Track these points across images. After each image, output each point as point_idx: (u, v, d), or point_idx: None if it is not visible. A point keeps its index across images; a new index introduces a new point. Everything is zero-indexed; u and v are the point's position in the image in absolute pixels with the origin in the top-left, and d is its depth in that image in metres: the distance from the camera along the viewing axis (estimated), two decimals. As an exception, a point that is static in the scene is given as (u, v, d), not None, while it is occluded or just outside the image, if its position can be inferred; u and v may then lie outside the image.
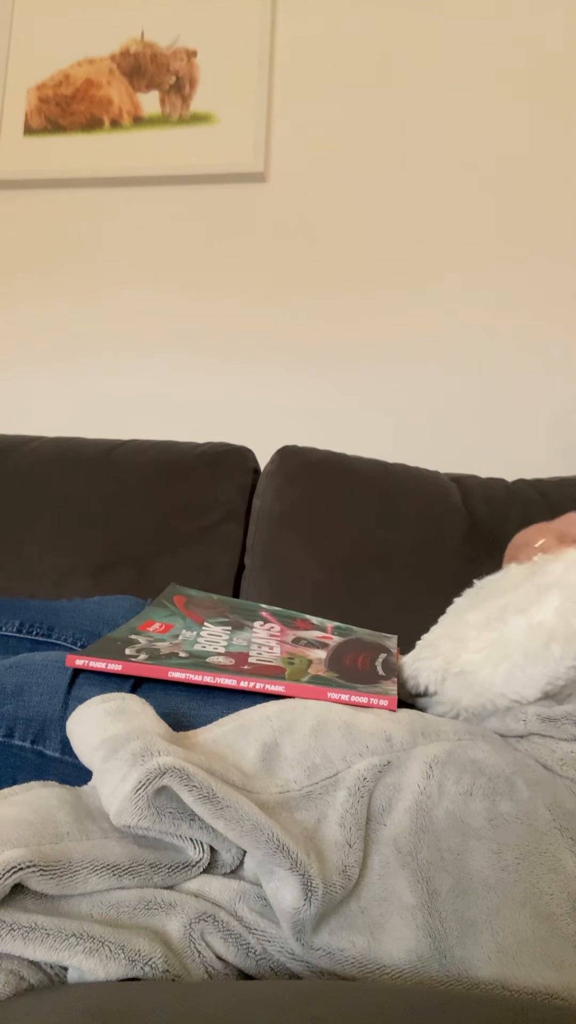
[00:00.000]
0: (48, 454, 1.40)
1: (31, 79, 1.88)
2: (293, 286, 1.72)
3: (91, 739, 0.52)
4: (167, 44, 1.82)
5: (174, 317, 1.76)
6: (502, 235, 1.66)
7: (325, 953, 0.47)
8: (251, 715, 0.59)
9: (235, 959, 0.47)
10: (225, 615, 0.83)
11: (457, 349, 1.64)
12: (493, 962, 0.47)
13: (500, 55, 1.70)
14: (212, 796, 0.47)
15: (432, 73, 1.72)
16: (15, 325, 1.83)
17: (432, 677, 0.65)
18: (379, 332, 1.68)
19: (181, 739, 0.56)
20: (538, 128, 1.67)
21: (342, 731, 0.57)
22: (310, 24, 1.78)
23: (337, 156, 1.74)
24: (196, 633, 0.75)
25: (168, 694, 0.63)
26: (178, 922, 0.47)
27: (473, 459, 1.55)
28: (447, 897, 0.48)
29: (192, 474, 1.34)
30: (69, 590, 1.24)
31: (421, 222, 1.69)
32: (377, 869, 0.49)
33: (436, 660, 0.66)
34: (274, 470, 1.34)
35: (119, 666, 0.63)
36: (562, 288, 1.62)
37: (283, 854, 0.46)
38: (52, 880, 0.44)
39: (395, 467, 1.34)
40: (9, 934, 0.42)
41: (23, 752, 0.61)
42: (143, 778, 0.47)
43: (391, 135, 1.72)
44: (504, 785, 0.54)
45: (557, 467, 1.49)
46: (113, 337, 1.78)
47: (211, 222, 1.78)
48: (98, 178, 1.81)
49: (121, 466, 1.36)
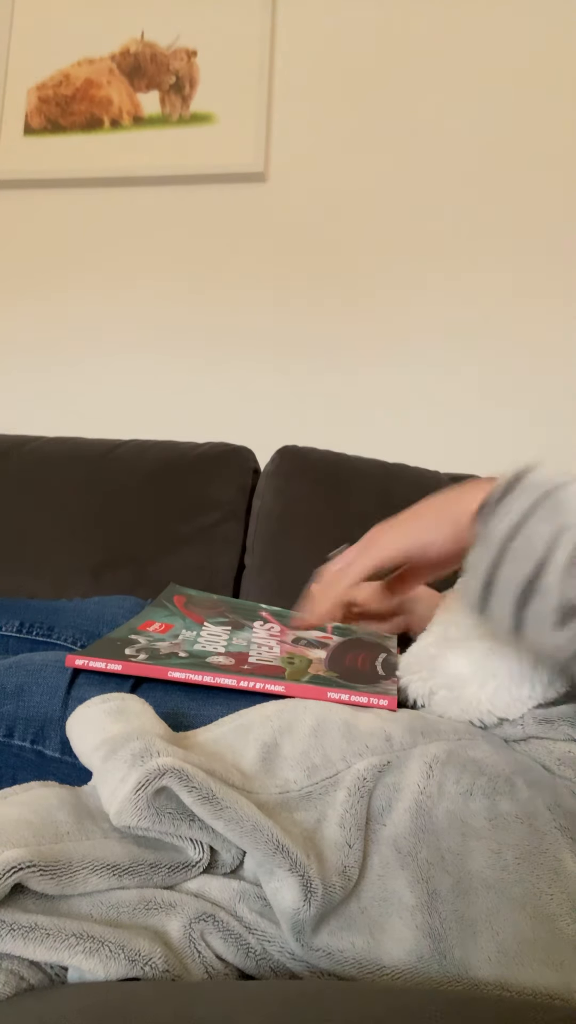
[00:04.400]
0: (48, 454, 1.40)
1: (31, 79, 1.88)
2: (293, 286, 1.72)
3: (91, 739, 0.52)
4: (167, 44, 1.82)
5: (174, 317, 1.76)
6: (502, 234, 1.65)
7: (325, 954, 0.47)
8: (251, 715, 0.59)
9: (235, 959, 0.47)
10: (225, 615, 0.83)
11: (457, 348, 1.64)
12: (493, 962, 0.47)
13: (500, 54, 1.70)
14: (211, 797, 0.47)
15: (432, 73, 1.72)
16: (15, 325, 1.83)
17: (421, 690, 0.65)
18: (379, 331, 1.68)
19: (181, 739, 0.56)
20: (539, 127, 1.67)
21: (342, 731, 0.57)
22: (310, 24, 1.78)
23: (337, 156, 1.74)
24: (196, 633, 0.75)
25: (168, 694, 0.63)
26: (178, 922, 0.47)
27: (473, 459, 1.55)
28: (447, 897, 0.48)
29: (192, 474, 1.34)
30: (69, 590, 1.24)
31: (421, 222, 1.69)
32: (377, 869, 0.49)
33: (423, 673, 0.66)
34: (274, 470, 1.34)
35: (119, 666, 0.63)
36: (563, 286, 1.62)
37: (283, 855, 0.46)
38: (52, 880, 0.44)
39: (395, 467, 1.34)
40: (9, 934, 0.42)
41: (23, 752, 0.61)
42: (142, 779, 0.47)
43: (391, 135, 1.72)
44: (504, 785, 0.54)
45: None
46: (113, 337, 1.78)
47: (211, 222, 1.78)
48: (98, 178, 1.81)
49: (121, 466, 1.36)
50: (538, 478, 0.54)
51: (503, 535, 0.52)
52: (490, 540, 0.52)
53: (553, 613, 0.49)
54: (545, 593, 0.49)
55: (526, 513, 0.52)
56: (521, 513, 0.52)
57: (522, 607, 0.51)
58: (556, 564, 0.49)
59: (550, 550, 0.49)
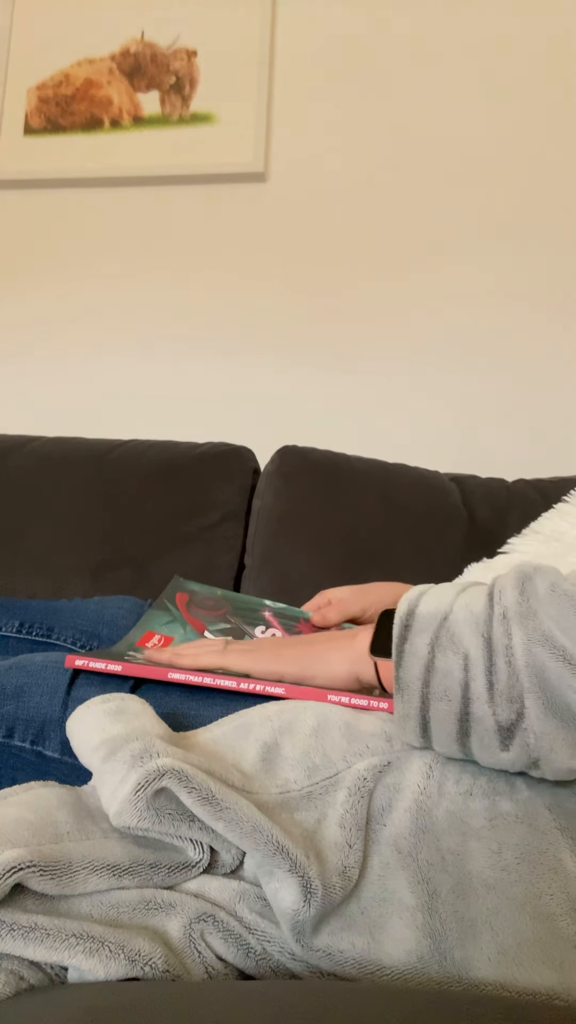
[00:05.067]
0: (48, 454, 1.40)
1: (31, 79, 1.88)
2: (293, 286, 1.72)
3: (90, 740, 0.52)
4: (167, 44, 1.82)
5: (174, 317, 1.76)
6: (502, 233, 1.65)
7: (325, 954, 0.47)
8: (251, 715, 0.59)
9: (235, 959, 0.47)
10: (228, 618, 0.83)
11: (457, 348, 1.64)
12: (493, 963, 0.47)
13: (499, 54, 1.70)
14: (211, 798, 0.47)
15: (432, 72, 1.72)
16: (15, 325, 1.83)
17: None
18: (379, 331, 1.68)
19: (181, 739, 0.56)
20: (538, 126, 1.67)
21: (342, 731, 0.57)
22: (310, 24, 1.78)
23: (337, 156, 1.74)
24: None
25: (168, 695, 0.63)
26: (178, 922, 0.47)
27: (473, 459, 1.55)
28: (447, 898, 0.48)
29: (192, 474, 1.34)
30: (69, 590, 1.24)
31: (421, 222, 1.69)
32: (377, 870, 0.49)
33: None
34: (274, 470, 1.34)
35: (119, 667, 0.63)
36: (563, 285, 1.62)
37: (282, 856, 0.46)
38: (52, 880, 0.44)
39: (395, 467, 1.34)
40: (9, 934, 0.42)
41: (23, 753, 0.61)
42: (142, 780, 0.47)
43: (391, 134, 1.72)
44: (504, 785, 0.54)
45: (557, 467, 1.49)
46: (113, 337, 1.78)
47: (211, 222, 1.78)
48: (98, 178, 1.81)
49: (121, 466, 1.36)
50: (427, 608, 0.56)
51: (418, 679, 0.54)
52: (409, 687, 0.54)
53: (494, 737, 0.51)
54: (480, 721, 0.52)
55: (431, 651, 0.54)
56: (426, 652, 0.54)
57: (464, 740, 0.53)
58: (478, 694, 0.51)
59: (467, 683, 0.52)
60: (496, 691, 0.51)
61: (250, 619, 0.84)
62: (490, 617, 0.53)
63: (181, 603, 0.84)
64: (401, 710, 0.55)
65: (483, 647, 0.52)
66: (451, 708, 0.53)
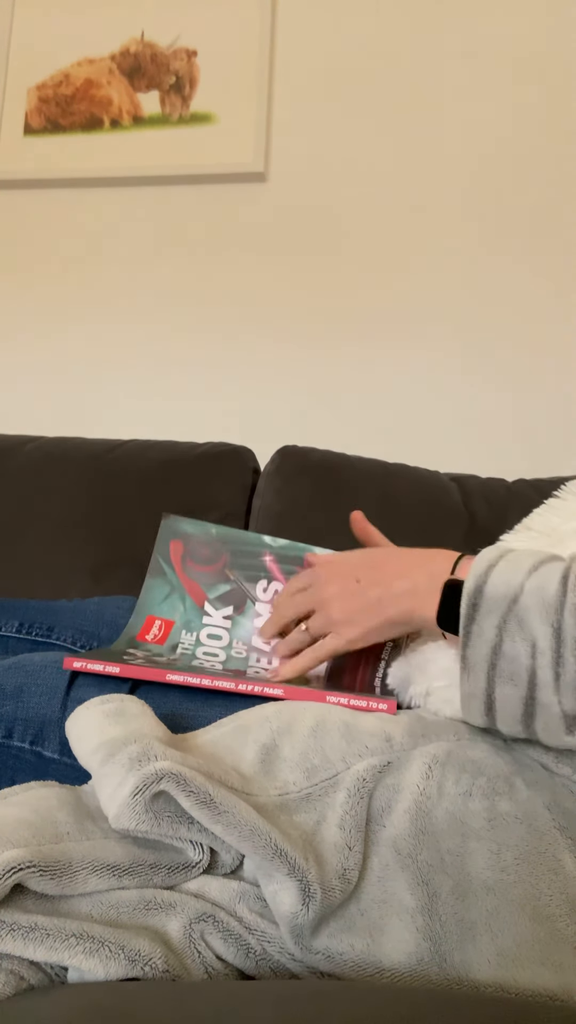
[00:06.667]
0: (48, 454, 1.40)
1: (31, 79, 1.88)
2: (293, 286, 1.72)
3: (89, 741, 0.52)
4: (167, 44, 1.82)
5: (174, 317, 1.76)
6: (502, 233, 1.65)
7: (324, 956, 0.47)
8: (250, 716, 0.59)
9: (235, 959, 0.47)
10: (226, 574, 0.80)
11: (457, 348, 1.64)
12: (493, 964, 0.47)
13: (499, 55, 1.70)
14: (209, 801, 0.47)
15: (432, 72, 1.72)
16: (14, 324, 1.83)
17: (416, 691, 0.66)
18: (380, 331, 1.68)
19: (180, 741, 0.56)
20: (539, 125, 1.67)
21: (341, 732, 0.57)
22: (310, 24, 1.78)
23: (337, 156, 1.74)
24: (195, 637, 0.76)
25: (166, 696, 0.63)
26: (178, 922, 0.47)
27: (473, 459, 1.55)
28: (447, 900, 0.48)
29: (192, 474, 1.34)
30: (69, 590, 1.24)
31: (420, 222, 1.69)
32: (377, 871, 0.49)
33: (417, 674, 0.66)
34: (274, 470, 1.34)
35: (117, 668, 0.63)
36: (563, 285, 1.62)
37: (281, 859, 0.46)
38: (52, 880, 0.44)
39: (395, 467, 1.34)
40: (9, 934, 0.42)
41: (22, 753, 0.61)
42: (140, 783, 0.47)
43: (391, 134, 1.72)
44: (503, 785, 0.54)
45: (557, 467, 1.49)
46: (113, 337, 1.78)
47: (211, 222, 1.78)
48: (98, 178, 1.81)
49: (121, 466, 1.36)
50: (496, 589, 0.55)
51: (485, 661, 0.54)
52: (476, 667, 0.55)
53: (560, 722, 0.53)
54: (546, 708, 0.53)
55: (498, 634, 0.54)
56: (494, 635, 0.54)
57: (529, 723, 0.54)
58: (545, 682, 0.52)
59: (534, 670, 0.53)
60: (563, 682, 0.51)
61: (250, 571, 0.81)
62: (562, 606, 0.52)
63: (176, 557, 0.81)
64: (467, 689, 0.55)
65: (552, 636, 0.52)
66: (517, 692, 0.53)
